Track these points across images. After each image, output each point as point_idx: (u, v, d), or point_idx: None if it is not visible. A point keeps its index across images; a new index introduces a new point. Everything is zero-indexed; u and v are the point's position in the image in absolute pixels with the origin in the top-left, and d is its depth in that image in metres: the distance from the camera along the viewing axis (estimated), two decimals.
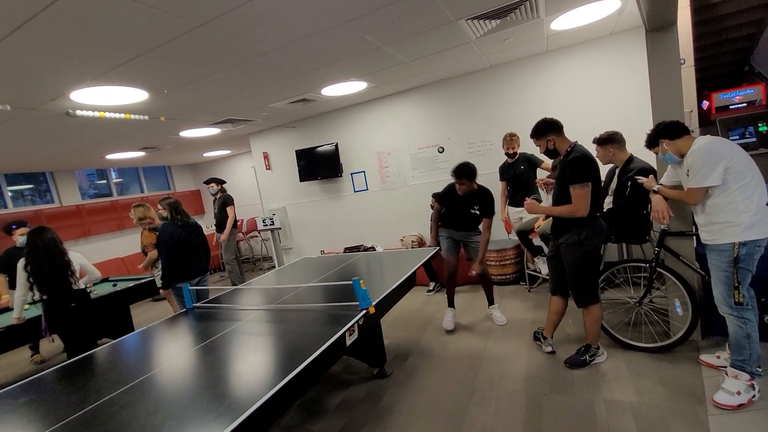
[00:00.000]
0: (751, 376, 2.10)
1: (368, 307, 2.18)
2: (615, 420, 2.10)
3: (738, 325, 2.12)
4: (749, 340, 2.09)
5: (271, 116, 5.41)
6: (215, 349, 2.02)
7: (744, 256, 2.10)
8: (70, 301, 3.08)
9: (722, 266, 2.16)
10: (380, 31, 2.98)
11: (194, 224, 3.63)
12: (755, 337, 2.09)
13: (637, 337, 2.78)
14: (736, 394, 2.08)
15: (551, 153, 2.61)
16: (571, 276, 2.60)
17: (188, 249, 3.48)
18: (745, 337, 2.10)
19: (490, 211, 3.40)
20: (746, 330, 2.10)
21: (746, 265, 2.11)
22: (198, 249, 3.59)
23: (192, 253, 3.51)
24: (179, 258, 3.43)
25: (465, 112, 5.00)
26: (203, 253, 3.67)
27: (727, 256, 2.14)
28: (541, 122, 2.59)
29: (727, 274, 2.14)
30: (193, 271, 3.50)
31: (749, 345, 2.09)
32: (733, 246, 2.10)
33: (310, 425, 2.46)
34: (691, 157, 2.17)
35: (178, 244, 3.41)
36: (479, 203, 3.40)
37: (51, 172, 6.80)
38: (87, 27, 2.15)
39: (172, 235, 3.40)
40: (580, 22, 3.59)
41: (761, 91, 4.70)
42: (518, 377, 2.64)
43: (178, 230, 3.43)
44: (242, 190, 8.59)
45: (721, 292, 2.18)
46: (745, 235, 2.07)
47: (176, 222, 3.47)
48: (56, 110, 3.43)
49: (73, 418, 1.53)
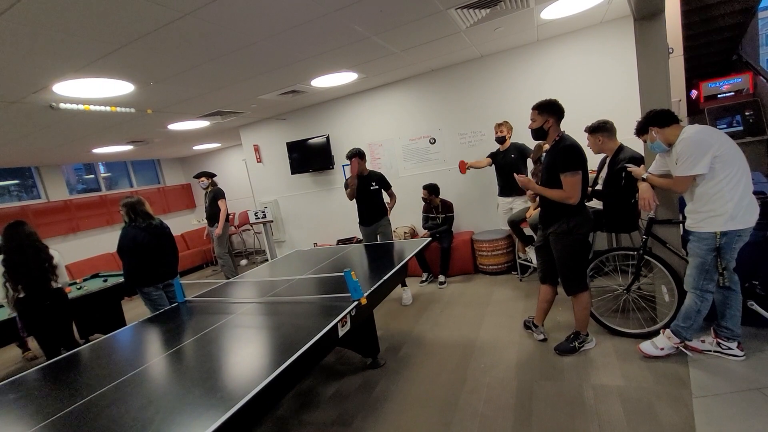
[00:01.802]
0: (682, 341, 2.41)
1: (360, 298, 2.19)
2: (603, 404, 2.15)
3: (695, 302, 2.32)
4: (698, 314, 2.32)
5: (261, 108, 5.35)
6: (207, 342, 2.02)
7: (723, 245, 2.17)
8: (46, 299, 3.00)
9: (700, 253, 2.25)
10: (369, 21, 2.94)
11: (159, 225, 3.39)
12: (703, 313, 2.32)
13: (625, 324, 2.84)
14: (660, 349, 2.45)
15: (538, 133, 2.59)
16: (560, 265, 2.63)
17: (152, 253, 3.28)
18: (696, 311, 2.32)
19: (386, 183, 4.25)
20: (700, 306, 2.31)
21: (724, 253, 2.19)
22: (164, 252, 3.38)
23: (157, 257, 3.32)
24: (143, 262, 3.26)
25: (456, 103, 4.98)
26: (171, 256, 3.45)
27: (707, 245, 2.22)
28: (554, 101, 2.55)
29: (703, 261, 2.25)
30: (159, 274, 3.32)
31: (696, 318, 2.33)
32: (715, 235, 2.16)
33: (304, 416, 2.48)
34: (680, 145, 2.20)
35: (140, 248, 3.22)
36: (375, 180, 4.17)
37: (37, 167, 6.67)
38: (67, 18, 2.10)
39: (134, 239, 3.21)
40: (570, 12, 3.58)
41: (748, 79, 4.76)
42: (509, 365, 2.69)
43: (140, 233, 3.24)
44: (233, 183, 8.52)
45: (692, 274, 2.32)
46: (727, 225, 2.14)
47: (138, 225, 3.25)
48: (39, 103, 3.35)
49: (64, 413, 1.53)
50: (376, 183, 4.17)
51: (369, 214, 4.22)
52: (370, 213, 4.22)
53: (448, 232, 4.76)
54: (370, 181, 4.16)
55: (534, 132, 2.61)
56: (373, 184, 4.16)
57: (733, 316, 2.33)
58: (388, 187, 4.28)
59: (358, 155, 4.08)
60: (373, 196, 4.19)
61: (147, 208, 3.35)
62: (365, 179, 4.15)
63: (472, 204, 5.07)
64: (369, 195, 4.19)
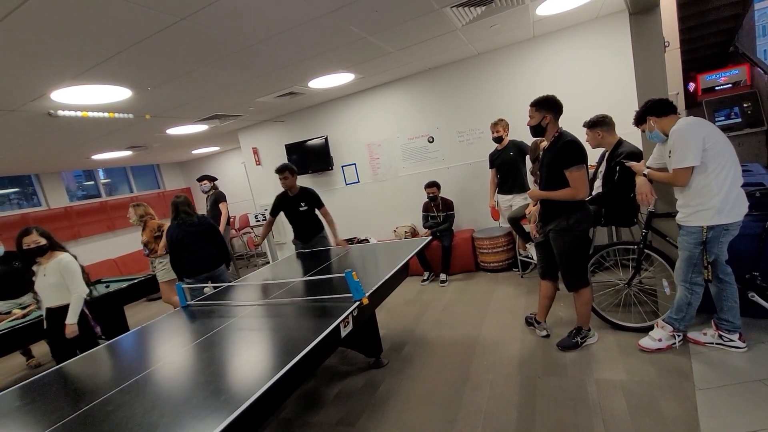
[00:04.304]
0: (675, 329, 2.44)
1: (362, 298, 2.20)
2: (606, 398, 2.16)
3: (685, 294, 2.37)
4: (689, 306, 2.38)
5: (258, 111, 5.35)
6: (210, 346, 2.03)
7: (710, 239, 2.20)
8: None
9: (688, 246, 2.28)
10: (365, 21, 2.95)
11: (195, 222, 3.60)
12: (695, 305, 2.38)
13: (626, 318, 2.84)
14: (658, 341, 2.48)
15: (537, 130, 2.59)
16: (561, 261, 2.64)
17: (188, 248, 3.54)
18: (687, 304, 2.38)
19: (317, 202, 3.90)
20: (690, 299, 2.36)
21: (710, 247, 2.21)
22: (199, 247, 3.57)
23: (193, 252, 3.55)
24: (177, 256, 3.56)
25: (453, 101, 4.99)
26: (205, 250, 3.61)
27: (695, 239, 2.24)
28: (551, 97, 2.54)
29: (690, 254, 2.28)
30: (195, 269, 3.56)
31: (687, 310, 2.39)
32: (701, 230, 2.19)
33: (308, 417, 2.49)
34: (672, 138, 2.21)
35: (177, 245, 3.54)
36: (304, 199, 3.85)
37: (37, 174, 6.69)
38: (62, 25, 2.10)
39: (171, 236, 3.56)
40: (565, 7, 3.58)
41: (746, 71, 4.75)
42: (512, 361, 2.69)
43: (176, 230, 3.53)
44: (233, 186, 8.53)
45: (681, 267, 2.36)
46: (713, 219, 2.16)
47: (179, 221, 3.56)
48: (38, 111, 3.36)
49: (70, 419, 1.53)
50: (305, 203, 3.86)
51: (303, 233, 3.99)
52: (304, 232, 3.99)
53: (449, 230, 4.77)
54: (299, 201, 3.84)
55: (532, 129, 2.61)
56: (302, 204, 3.85)
57: (731, 307, 2.33)
58: (321, 205, 3.93)
59: (288, 170, 3.77)
60: (304, 216, 3.89)
61: (187, 207, 3.64)
62: (293, 200, 3.85)
63: (472, 202, 5.07)
64: (299, 217, 3.89)
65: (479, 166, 4.86)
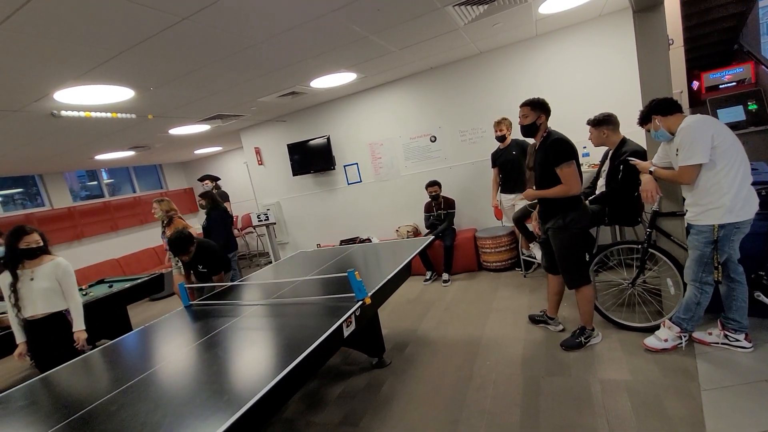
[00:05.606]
0: (682, 330, 2.41)
1: (364, 298, 2.19)
2: (610, 399, 2.14)
3: (695, 293, 2.34)
4: (698, 306, 2.34)
5: (260, 111, 5.36)
6: (213, 346, 2.03)
7: (721, 238, 2.17)
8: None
9: (699, 245, 2.25)
10: (367, 20, 2.94)
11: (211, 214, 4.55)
12: (704, 305, 2.34)
13: (631, 318, 2.82)
14: (664, 341, 2.44)
15: (530, 129, 2.59)
16: (559, 259, 2.63)
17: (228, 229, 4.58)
18: (696, 304, 2.34)
19: (216, 266, 3.34)
20: (699, 299, 2.33)
21: (722, 246, 2.19)
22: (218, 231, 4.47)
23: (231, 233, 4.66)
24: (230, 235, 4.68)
25: (456, 100, 4.97)
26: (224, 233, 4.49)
27: (706, 238, 2.22)
28: (544, 100, 2.59)
29: (701, 253, 2.25)
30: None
31: (696, 310, 2.35)
32: (713, 228, 2.16)
33: (311, 417, 2.49)
34: (679, 135, 2.19)
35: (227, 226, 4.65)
36: (202, 261, 3.29)
37: (40, 174, 6.71)
38: (64, 26, 2.11)
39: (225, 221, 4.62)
40: (568, 5, 3.56)
41: (750, 69, 4.71)
42: (515, 361, 2.68)
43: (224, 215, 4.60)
44: (235, 186, 8.53)
45: (691, 266, 2.33)
46: (724, 218, 2.13)
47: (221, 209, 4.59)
48: (41, 111, 3.37)
49: (73, 419, 1.54)
50: (204, 266, 3.32)
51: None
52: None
53: (451, 230, 4.75)
54: (197, 264, 3.30)
55: (525, 128, 2.62)
56: (200, 267, 3.33)
57: (740, 307, 2.31)
58: (218, 272, 3.38)
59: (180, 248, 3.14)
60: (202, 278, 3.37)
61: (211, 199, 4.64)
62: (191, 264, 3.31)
63: (475, 201, 5.05)
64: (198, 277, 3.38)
65: (482, 165, 4.84)
